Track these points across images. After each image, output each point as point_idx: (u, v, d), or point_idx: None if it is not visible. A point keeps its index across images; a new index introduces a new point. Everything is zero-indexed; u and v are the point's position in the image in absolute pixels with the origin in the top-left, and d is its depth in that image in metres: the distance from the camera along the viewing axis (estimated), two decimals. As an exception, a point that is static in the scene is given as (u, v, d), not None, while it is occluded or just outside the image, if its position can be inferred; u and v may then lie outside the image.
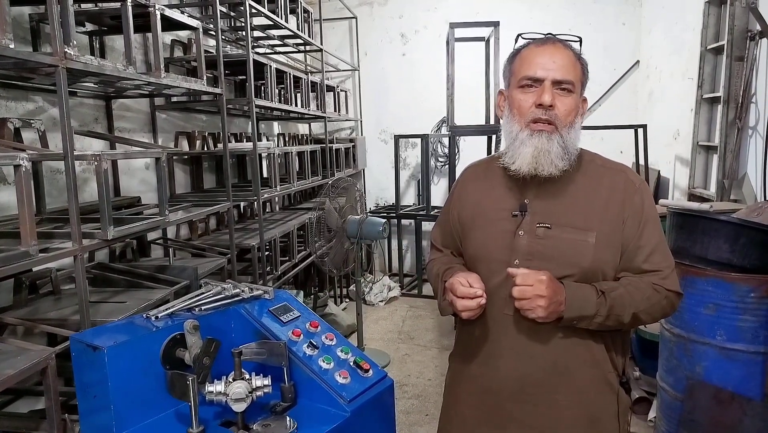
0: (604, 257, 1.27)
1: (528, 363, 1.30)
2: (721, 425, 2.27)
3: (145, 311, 1.48)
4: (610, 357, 1.32)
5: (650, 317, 1.28)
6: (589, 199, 1.30)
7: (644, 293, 1.25)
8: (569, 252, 1.27)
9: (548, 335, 1.28)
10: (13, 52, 1.62)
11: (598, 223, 1.27)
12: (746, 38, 3.42)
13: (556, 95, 1.25)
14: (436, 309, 5.35)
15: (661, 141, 5.00)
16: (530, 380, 1.31)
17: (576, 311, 1.22)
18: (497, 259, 1.32)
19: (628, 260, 1.28)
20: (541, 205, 1.31)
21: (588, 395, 1.31)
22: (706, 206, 2.98)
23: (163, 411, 1.38)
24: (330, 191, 3.80)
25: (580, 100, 1.31)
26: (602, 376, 1.32)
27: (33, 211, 1.68)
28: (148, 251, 3.38)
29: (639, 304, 1.24)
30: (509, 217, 1.33)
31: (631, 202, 1.29)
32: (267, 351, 1.40)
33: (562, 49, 1.28)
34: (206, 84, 2.87)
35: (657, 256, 1.28)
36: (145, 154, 2.75)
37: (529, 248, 1.29)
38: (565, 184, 1.31)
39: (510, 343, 1.32)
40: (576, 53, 1.30)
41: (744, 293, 2.21)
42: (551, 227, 1.29)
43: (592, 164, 1.35)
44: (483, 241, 1.37)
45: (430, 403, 3.44)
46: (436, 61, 5.97)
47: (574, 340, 1.28)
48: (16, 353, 1.70)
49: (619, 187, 1.30)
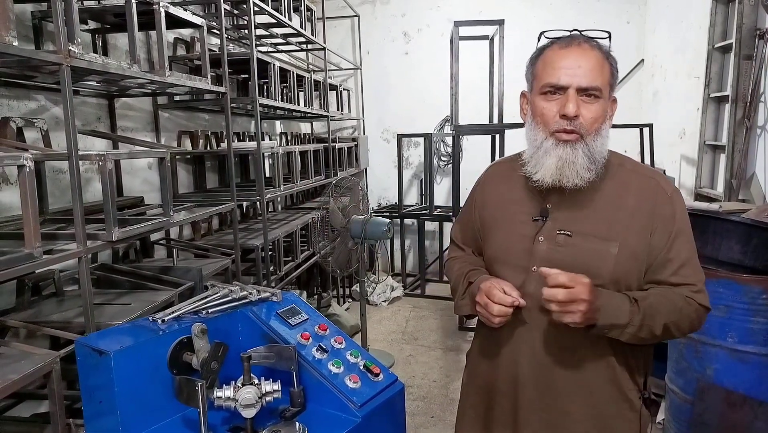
0: (627, 269, 1.21)
1: (544, 373, 1.28)
2: (732, 427, 2.24)
3: (151, 314, 1.45)
4: (631, 375, 1.28)
5: (679, 330, 1.22)
6: (614, 207, 1.23)
7: (676, 304, 1.19)
8: (589, 262, 1.21)
9: (568, 345, 1.25)
10: (17, 50, 1.59)
11: (623, 232, 1.21)
12: (755, 36, 3.39)
13: (582, 103, 1.18)
14: (439, 309, 5.30)
15: (666, 140, 4.97)
16: (544, 389, 1.28)
17: (610, 319, 1.16)
18: (515, 263, 1.29)
19: (655, 273, 1.22)
20: (563, 211, 1.26)
21: (604, 412, 1.27)
22: (715, 206, 2.95)
23: (169, 416, 1.35)
24: (333, 191, 3.77)
25: (609, 102, 1.23)
26: (621, 394, 1.27)
27: (36, 212, 1.65)
28: (151, 251, 3.35)
29: (671, 315, 1.19)
30: (530, 221, 1.29)
31: (661, 211, 1.22)
32: (276, 355, 1.37)
33: (588, 50, 1.19)
34: (210, 82, 2.84)
35: (687, 270, 1.21)
36: (149, 154, 2.72)
37: (548, 254, 1.25)
38: (590, 190, 1.23)
39: (528, 350, 1.29)
40: (605, 52, 1.22)
41: (756, 295, 2.18)
42: (572, 235, 1.24)
43: (621, 169, 1.27)
44: (503, 244, 1.34)
45: (435, 404, 3.41)
46: (439, 60, 5.94)
47: (595, 354, 1.24)
48: (20, 357, 1.67)
49: (649, 195, 1.23)
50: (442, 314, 5.09)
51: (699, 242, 2.33)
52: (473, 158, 5.87)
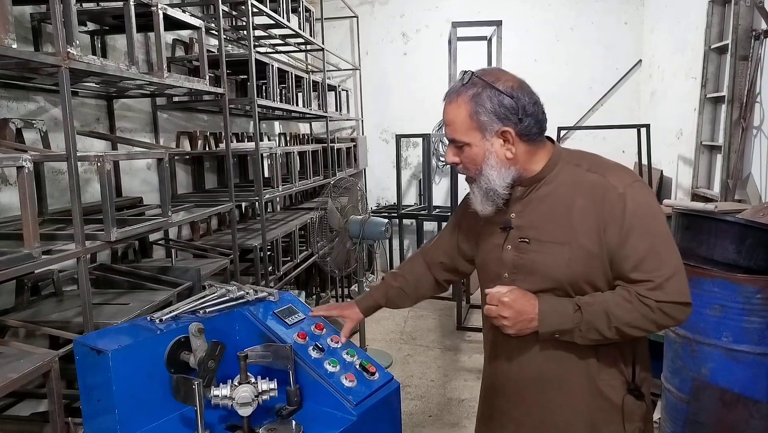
0: (585, 270, 1.25)
1: (521, 369, 1.38)
2: (727, 427, 2.26)
3: (149, 313, 1.46)
4: (604, 367, 1.31)
5: (640, 330, 1.23)
6: (566, 210, 1.27)
7: (628, 305, 1.20)
8: (546, 266, 1.28)
9: (536, 345, 1.33)
10: (15, 52, 1.60)
11: (575, 234, 1.25)
12: (751, 37, 3.40)
13: (458, 150, 1.31)
14: (437, 309, 5.32)
15: (663, 141, 4.99)
16: (523, 384, 1.38)
17: (552, 326, 1.24)
18: (493, 270, 1.40)
19: (617, 269, 1.24)
20: (524, 219, 1.33)
21: (582, 404, 1.32)
22: (711, 206, 2.97)
23: (167, 415, 1.36)
24: (332, 191, 3.78)
25: (487, 143, 1.26)
26: (594, 387, 1.31)
27: (36, 212, 1.67)
28: (149, 251, 3.37)
29: (621, 317, 1.20)
30: (499, 231, 1.38)
31: (610, 208, 1.22)
32: (272, 354, 1.38)
33: (447, 105, 1.30)
34: (208, 84, 2.86)
35: (648, 264, 1.20)
36: (148, 155, 2.73)
37: (514, 261, 1.34)
38: (547, 196, 1.30)
39: (506, 349, 1.40)
40: (466, 98, 1.25)
41: (750, 294, 2.19)
42: (530, 242, 1.31)
43: (577, 170, 1.30)
44: (483, 254, 1.45)
45: (433, 404, 3.43)
46: (438, 61, 5.96)
47: (560, 352, 1.31)
48: (19, 356, 1.68)
49: (598, 194, 1.24)
50: (441, 314, 5.10)
51: (694, 242, 2.37)
52: (471, 159, 5.87)
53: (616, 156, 1.41)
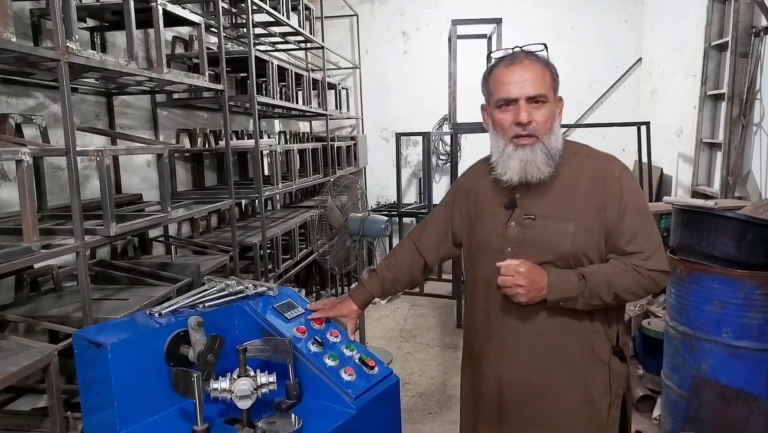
0: (585, 243, 1.40)
1: (523, 336, 1.47)
2: (727, 423, 2.26)
3: (148, 308, 1.46)
4: (596, 331, 1.45)
5: (633, 295, 1.40)
6: (571, 191, 1.42)
7: (624, 273, 1.37)
8: (551, 240, 1.41)
9: (536, 312, 1.44)
10: (15, 46, 1.60)
11: (579, 212, 1.40)
12: (750, 34, 3.40)
13: (532, 109, 1.37)
14: (437, 307, 5.32)
15: (663, 138, 4.99)
16: (521, 350, 1.48)
17: (558, 294, 1.37)
18: (495, 246, 1.49)
19: (612, 243, 1.40)
20: (529, 199, 1.45)
21: (575, 363, 1.45)
22: (711, 203, 2.97)
23: (166, 408, 1.36)
24: (332, 189, 3.78)
25: (555, 102, 1.42)
26: (588, 350, 1.45)
27: (35, 206, 1.66)
28: (149, 248, 3.37)
29: (619, 284, 1.37)
30: (503, 210, 1.49)
31: (610, 190, 1.40)
32: (272, 348, 1.38)
33: (529, 65, 1.38)
34: (208, 80, 2.85)
35: (640, 238, 1.38)
36: (147, 150, 2.73)
37: (518, 237, 1.45)
38: (551, 178, 1.42)
39: (504, 319, 1.48)
40: (543, 61, 1.41)
41: (750, 290, 2.19)
42: (535, 218, 1.43)
43: (576, 157, 1.46)
44: (485, 231, 1.53)
45: (432, 401, 3.43)
46: (438, 59, 5.96)
47: (558, 318, 1.43)
48: (18, 350, 1.68)
49: (600, 177, 1.41)
50: (441, 312, 5.10)
51: (694, 238, 2.37)
52: (472, 157, 5.79)
53: (617, 154, 1.52)
